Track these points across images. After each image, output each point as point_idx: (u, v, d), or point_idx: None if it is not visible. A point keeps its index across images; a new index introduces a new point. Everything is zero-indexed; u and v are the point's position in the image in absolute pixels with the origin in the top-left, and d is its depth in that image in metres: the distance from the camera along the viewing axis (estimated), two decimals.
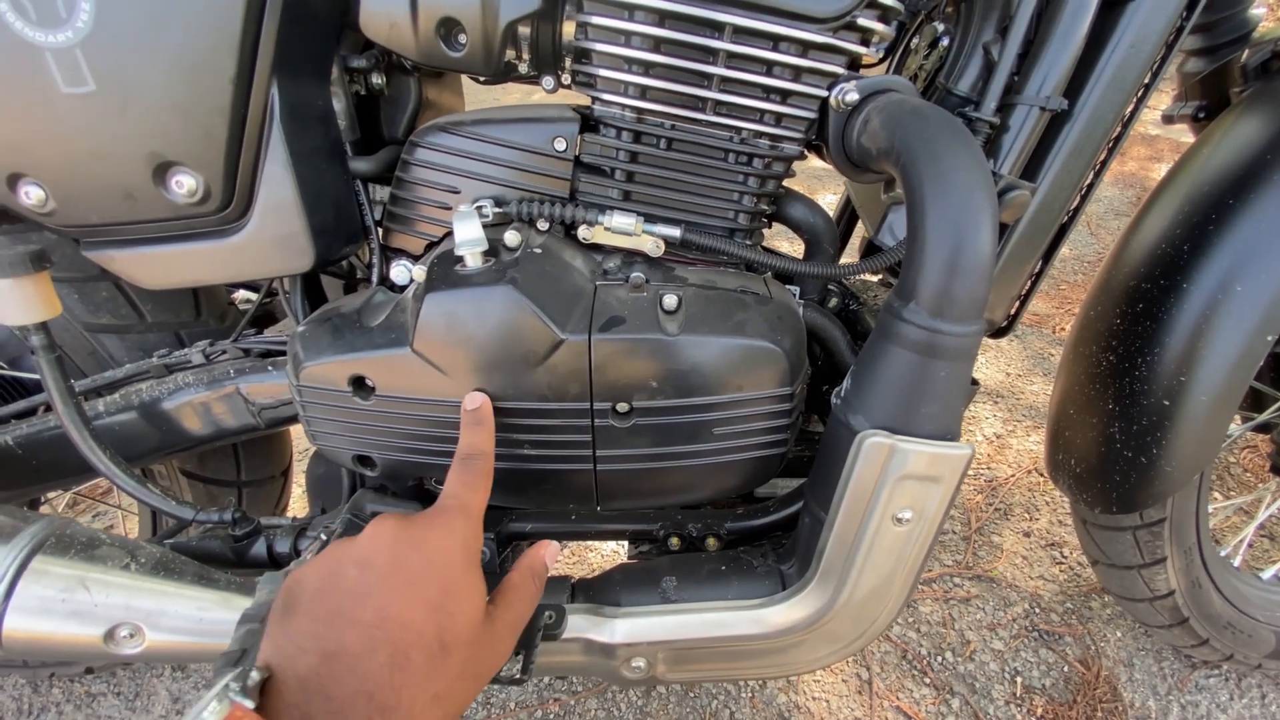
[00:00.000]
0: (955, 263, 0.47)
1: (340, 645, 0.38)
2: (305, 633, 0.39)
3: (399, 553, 0.42)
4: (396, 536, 0.43)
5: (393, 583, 0.41)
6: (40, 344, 0.58)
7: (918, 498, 0.53)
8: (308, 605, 0.40)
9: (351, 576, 0.41)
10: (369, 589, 0.40)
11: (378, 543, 0.43)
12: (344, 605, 0.40)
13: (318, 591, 0.41)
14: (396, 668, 0.38)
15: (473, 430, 0.52)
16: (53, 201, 0.54)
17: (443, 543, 0.44)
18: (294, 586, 0.42)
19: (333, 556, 0.43)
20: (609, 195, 0.61)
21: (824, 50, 0.55)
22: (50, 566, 0.58)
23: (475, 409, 0.53)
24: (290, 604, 0.41)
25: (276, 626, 0.40)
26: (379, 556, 0.42)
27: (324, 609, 0.40)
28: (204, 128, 0.51)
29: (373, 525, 0.44)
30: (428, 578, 0.42)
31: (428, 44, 0.54)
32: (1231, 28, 0.79)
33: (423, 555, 0.42)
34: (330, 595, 0.40)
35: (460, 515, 0.46)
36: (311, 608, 0.40)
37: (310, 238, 0.57)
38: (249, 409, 0.70)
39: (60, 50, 0.48)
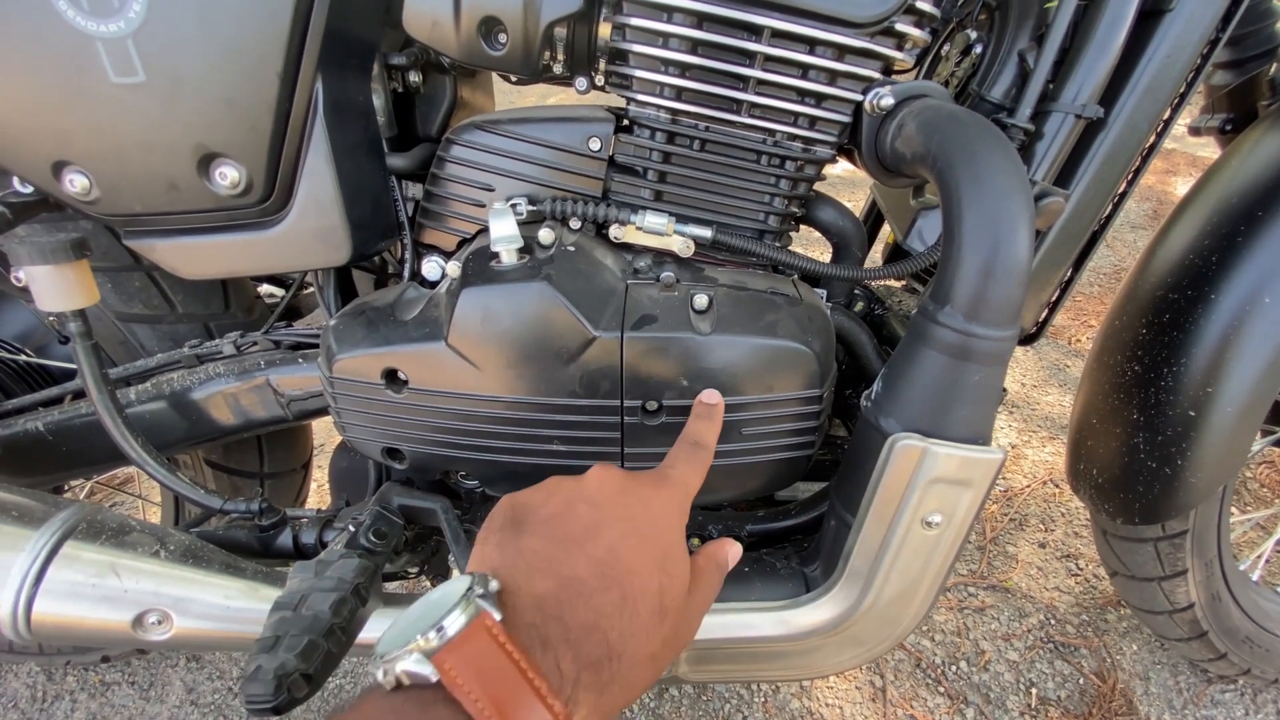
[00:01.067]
0: (991, 266, 0.47)
1: (575, 574, 0.36)
2: (540, 553, 0.37)
3: (628, 503, 0.41)
4: (625, 487, 0.42)
5: (621, 528, 0.40)
6: (78, 331, 0.59)
7: (948, 501, 0.53)
8: (541, 527, 0.39)
9: (582, 511, 0.40)
10: (599, 526, 0.39)
11: (606, 487, 0.42)
12: (578, 536, 0.38)
13: (552, 516, 0.40)
14: (626, 613, 0.36)
15: (703, 422, 0.52)
16: (97, 190, 0.55)
17: (666, 507, 0.43)
18: (520, 508, 0.41)
19: (561, 489, 0.42)
20: (641, 195, 0.61)
21: (860, 55, 0.55)
22: (82, 552, 0.58)
23: (711, 405, 0.54)
24: (520, 522, 0.40)
25: (508, 542, 0.39)
26: (608, 500, 0.41)
27: (559, 534, 0.39)
28: (250, 120, 0.52)
29: (599, 470, 0.44)
30: (653, 535, 0.41)
31: (469, 43, 0.54)
32: (1259, 41, 0.79)
33: (649, 513, 0.42)
34: (564, 522, 0.39)
35: (682, 489, 0.46)
36: (545, 529, 0.39)
37: (348, 231, 0.58)
38: (278, 400, 0.70)
39: (112, 40, 0.49)
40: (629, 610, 0.36)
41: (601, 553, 0.38)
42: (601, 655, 0.34)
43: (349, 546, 0.58)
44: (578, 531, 0.39)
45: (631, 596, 0.37)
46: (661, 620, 0.38)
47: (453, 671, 0.29)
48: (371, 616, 0.60)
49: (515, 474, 0.61)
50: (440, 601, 0.32)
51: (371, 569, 0.55)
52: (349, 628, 0.51)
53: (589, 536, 0.39)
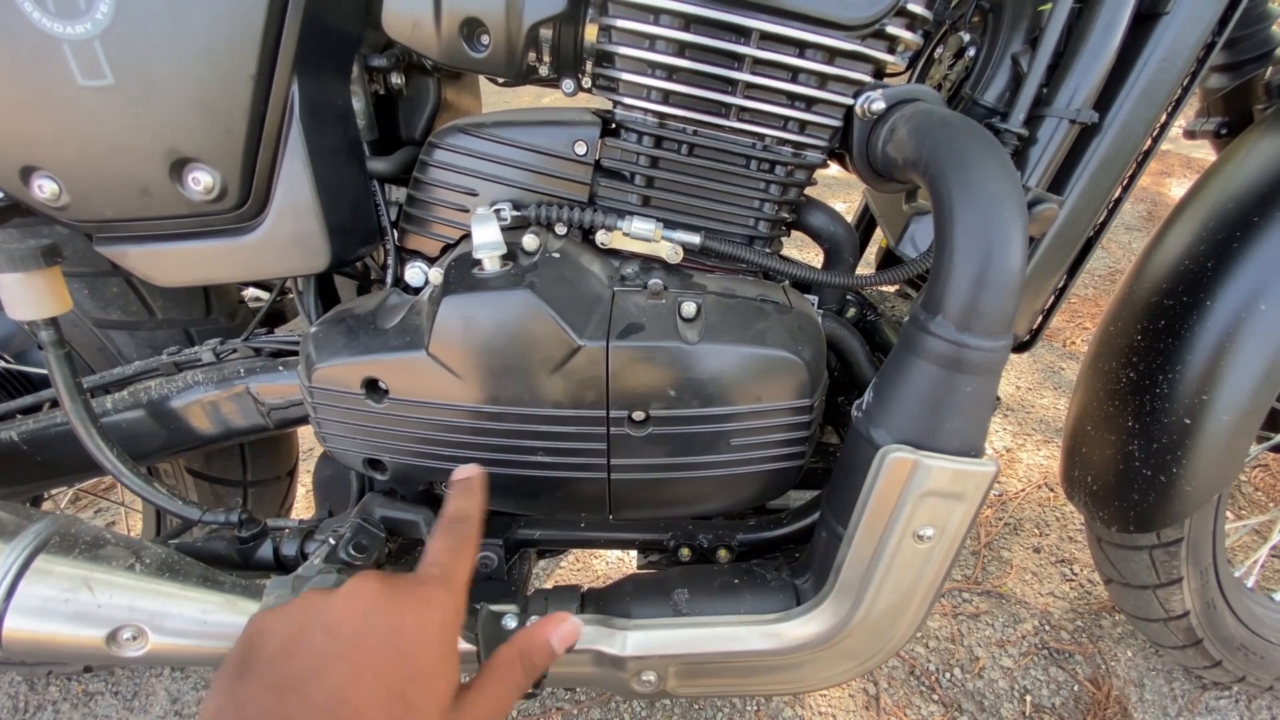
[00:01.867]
0: (984, 276, 0.46)
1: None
2: (253, 702, 0.35)
3: (370, 624, 0.38)
4: (371, 604, 0.39)
5: (355, 659, 0.37)
6: (50, 339, 0.58)
7: (940, 514, 0.52)
8: (264, 668, 0.36)
9: (317, 642, 0.37)
10: (329, 662, 0.36)
11: (351, 607, 0.39)
12: (300, 677, 0.36)
13: (276, 655, 0.37)
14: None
15: (461, 498, 0.49)
16: (66, 196, 0.53)
17: (417, 618, 0.39)
18: (256, 638, 0.38)
19: (301, 614, 0.39)
20: (628, 200, 0.60)
21: (851, 58, 0.54)
22: (54, 566, 0.57)
23: (465, 479, 0.51)
24: (246, 661, 0.37)
25: (226, 684, 0.36)
26: (348, 624, 0.38)
27: (279, 678, 0.36)
28: (223, 124, 0.50)
29: (352, 583, 0.40)
30: (393, 660, 0.37)
31: (450, 44, 0.53)
32: (1255, 44, 0.78)
33: (393, 632, 0.38)
34: (289, 662, 0.36)
35: (441, 587, 0.42)
36: (266, 673, 0.36)
37: (326, 237, 0.56)
38: (258, 409, 0.69)
39: (78, 42, 0.47)
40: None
41: (324, 696, 0.35)
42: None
43: (328, 560, 0.56)
44: (300, 673, 0.36)
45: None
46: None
47: None
48: None
49: (499, 486, 0.60)
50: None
51: None
52: None
53: (313, 677, 0.36)
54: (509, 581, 0.68)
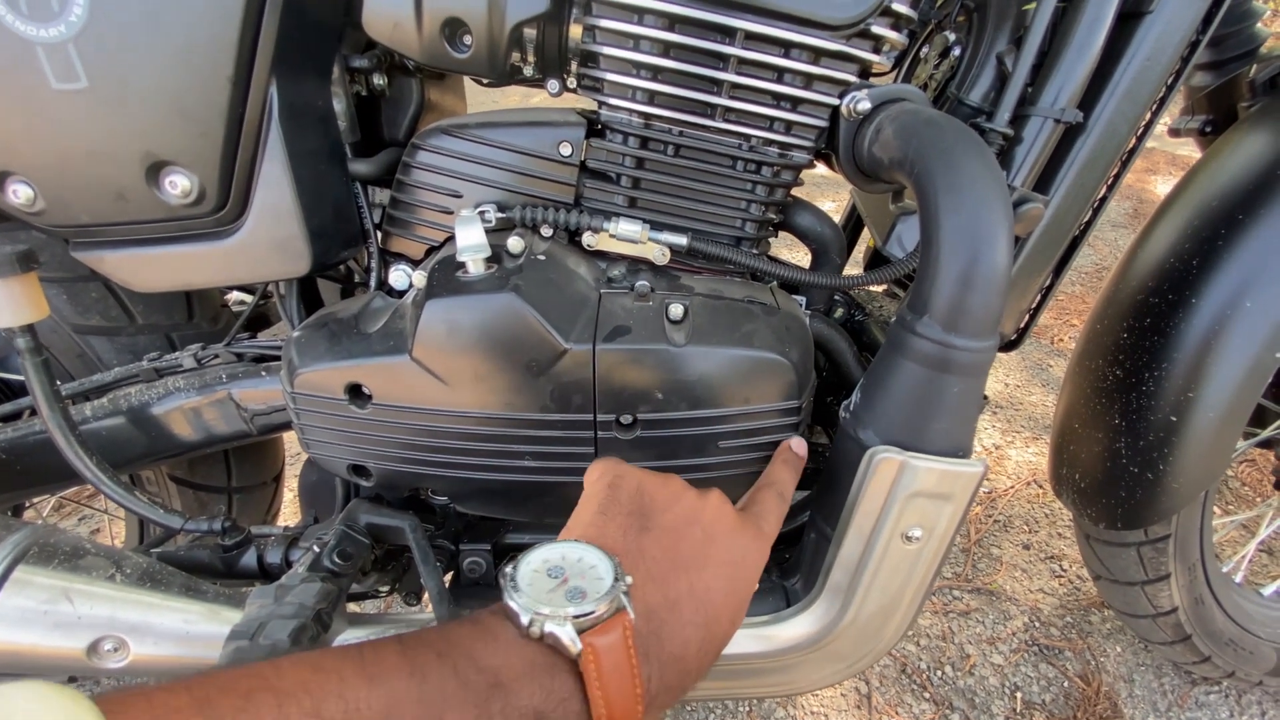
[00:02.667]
0: (970, 276, 0.46)
1: (679, 598, 0.37)
2: (658, 562, 0.38)
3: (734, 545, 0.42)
4: (735, 527, 0.43)
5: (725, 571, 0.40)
6: (26, 347, 0.57)
7: (928, 515, 0.52)
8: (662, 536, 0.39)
9: (697, 535, 0.41)
10: (707, 560, 0.40)
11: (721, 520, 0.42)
12: (689, 561, 0.39)
13: (672, 527, 0.40)
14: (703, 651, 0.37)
15: (785, 469, 0.53)
16: (41, 201, 0.52)
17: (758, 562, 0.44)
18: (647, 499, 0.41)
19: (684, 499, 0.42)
20: (614, 202, 0.60)
21: (836, 58, 0.54)
22: (33, 577, 0.56)
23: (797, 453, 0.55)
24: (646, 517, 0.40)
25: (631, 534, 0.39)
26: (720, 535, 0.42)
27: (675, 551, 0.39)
28: (200, 127, 0.49)
29: (718, 498, 0.44)
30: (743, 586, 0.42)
31: (432, 45, 0.52)
32: (1239, 42, 0.78)
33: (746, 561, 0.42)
34: (681, 540, 0.40)
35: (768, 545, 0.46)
36: (665, 540, 0.39)
37: (308, 241, 0.56)
38: (241, 415, 0.68)
39: (52, 45, 0.46)
40: (703, 651, 0.37)
41: (702, 589, 0.38)
42: (674, 684, 0.35)
43: (312, 569, 0.56)
44: (689, 556, 0.39)
45: (710, 638, 0.38)
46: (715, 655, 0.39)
47: (592, 657, 0.30)
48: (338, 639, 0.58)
49: (485, 491, 0.59)
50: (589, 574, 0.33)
51: (335, 593, 0.53)
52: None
53: (698, 566, 0.39)
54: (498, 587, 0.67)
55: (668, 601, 0.36)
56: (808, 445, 0.56)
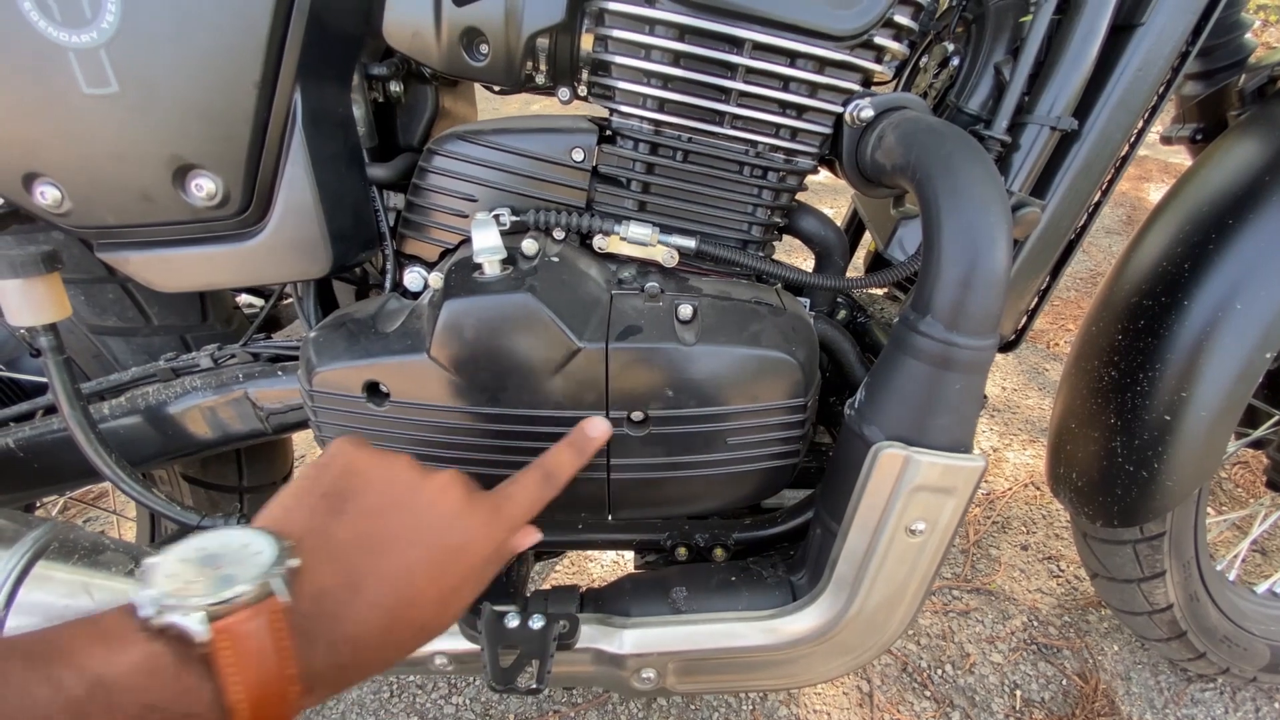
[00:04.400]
0: (971, 277, 0.47)
1: (363, 582, 0.36)
2: (343, 546, 0.37)
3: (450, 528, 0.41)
4: (457, 510, 0.42)
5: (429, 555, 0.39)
6: (49, 345, 0.58)
7: (931, 509, 0.54)
8: (358, 520, 0.38)
9: (402, 519, 0.40)
10: (410, 544, 0.39)
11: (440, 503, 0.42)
12: (385, 544, 0.38)
13: (372, 511, 0.39)
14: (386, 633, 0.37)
15: (569, 452, 0.51)
16: (69, 202, 0.54)
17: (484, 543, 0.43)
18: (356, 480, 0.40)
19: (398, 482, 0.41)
20: (625, 206, 0.61)
21: (840, 67, 0.56)
22: (53, 572, 0.57)
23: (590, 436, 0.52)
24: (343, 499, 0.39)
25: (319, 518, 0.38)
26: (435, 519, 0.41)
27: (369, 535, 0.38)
28: (226, 131, 0.51)
29: (445, 477, 0.43)
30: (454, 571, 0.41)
31: (450, 53, 0.54)
32: (1229, 52, 0.81)
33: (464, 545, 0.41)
34: (380, 523, 0.39)
35: (510, 525, 0.45)
36: (360, 524, 0.38)
37: (328, 243, 0.57)
38: (257, 414, 0.69)
39: (84, 51, 0.48)
40: (391, 632, 0.37)
41: (398, 572, 0.38)
42: (349, 662, 0.35)
43: None
44: (387, 539, 0.38)
45: (400, 621, 0.38)
46: (416, 638, 0.39)
47: (224, 647, 0.29)
48: None
49: None
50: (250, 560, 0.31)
51: None
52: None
53: (395, 550, 0.38)
54: (508, 583, 0.68)
55: (348, 583, 0.36)
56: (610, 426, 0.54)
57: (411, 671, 0.63)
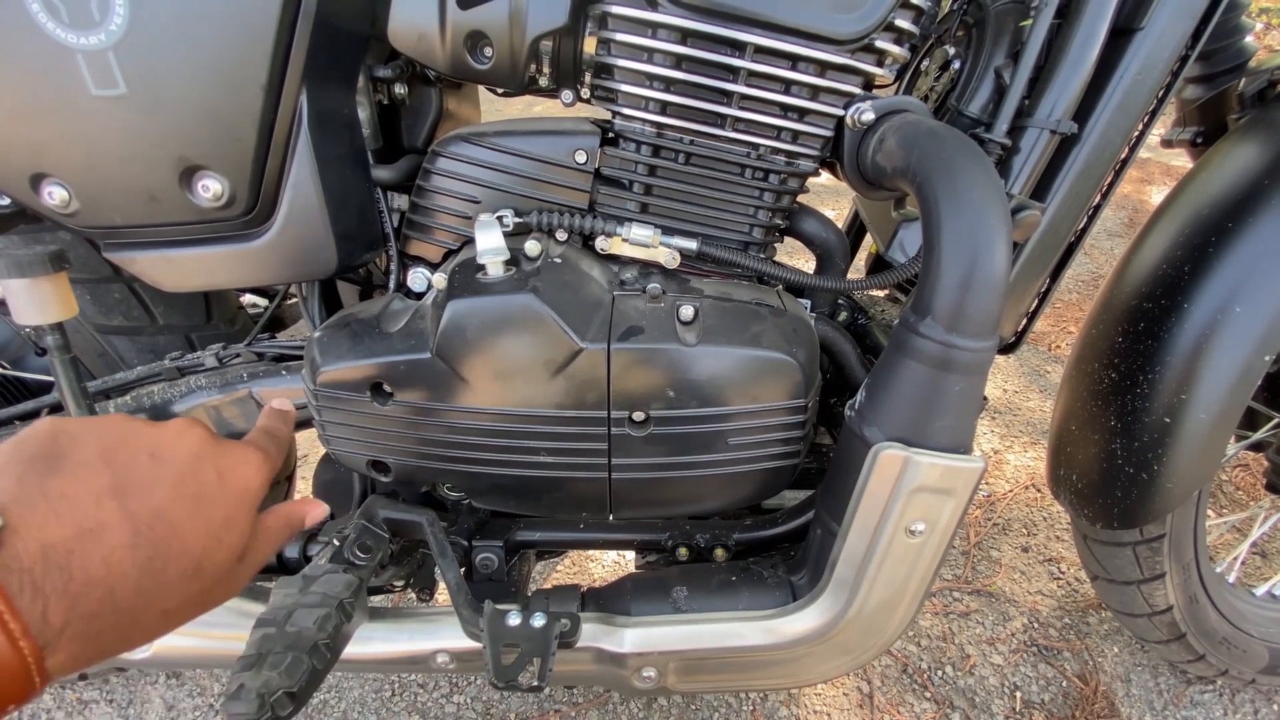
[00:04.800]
0: (970, 279, 0.48)
1: (100, 525, 0.35)
2: (65, 499, 0.35)
3: (200, 465, 0.40)
4: (203, 449, 0.41)
5: (184, 490, 0.39)
6: (55, 344, 0.58)
7: (931, 510, 0.54)
8: (80, 470, 0.36)
9: (142, 463, 0.38)
10: (154, 483, 0.38)
11: (182, 444, 0.40)
12: (123, 488, 0.37)
13: (97, 459, 0.37)
14: (150, 572, 0.36)
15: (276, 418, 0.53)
16: (76, 202, 0.54)
17: (244, 477, 0.43)
18: (64, 440, 0.37)
19: (124, 433, 0.39)
20: (627, 207, 0.62)
21: (842, 71, 0.56)
22: None
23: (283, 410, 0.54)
24: (57, 459, 0.36)
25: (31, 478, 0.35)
26: (178, 459, 0.40)
27: (98, 482, 0.36)
28: (233, 133, 0.51)
29: (180, 424, 0.42)
30: (218, 502, 0.40)
31: (455, 56, 0.55)
32: (1229, 56, 0.81)
33: (222, 480, 0.41)
34: (108, 471, 0.37)
35: (265, 457, 0.45)
36: (83, 474, 0.36)
37: (333, 244, 0.58)
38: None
39: (92, 52, 0.48)
40: (154, 570, 0.36)
41: (144, 510, 0.37)
42: (103, 609, 0.34)
43: (334, 561, 0.57)
44: (124, 483, 0.37)
45: (162, 556, 0.36)
46: (192, 581, 0.38)
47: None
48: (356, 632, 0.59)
49: (501, 486, 0.61)
50: None
51: (357, 583, 0.54)
52: (334, 644, 0.51)
53: (137, 491, 0.37)
54: (509, 582, 0.69)
55: (81, 531, 0.34)
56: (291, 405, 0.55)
57: (413, 670, 0.64)
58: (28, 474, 0.36)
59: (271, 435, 0.50)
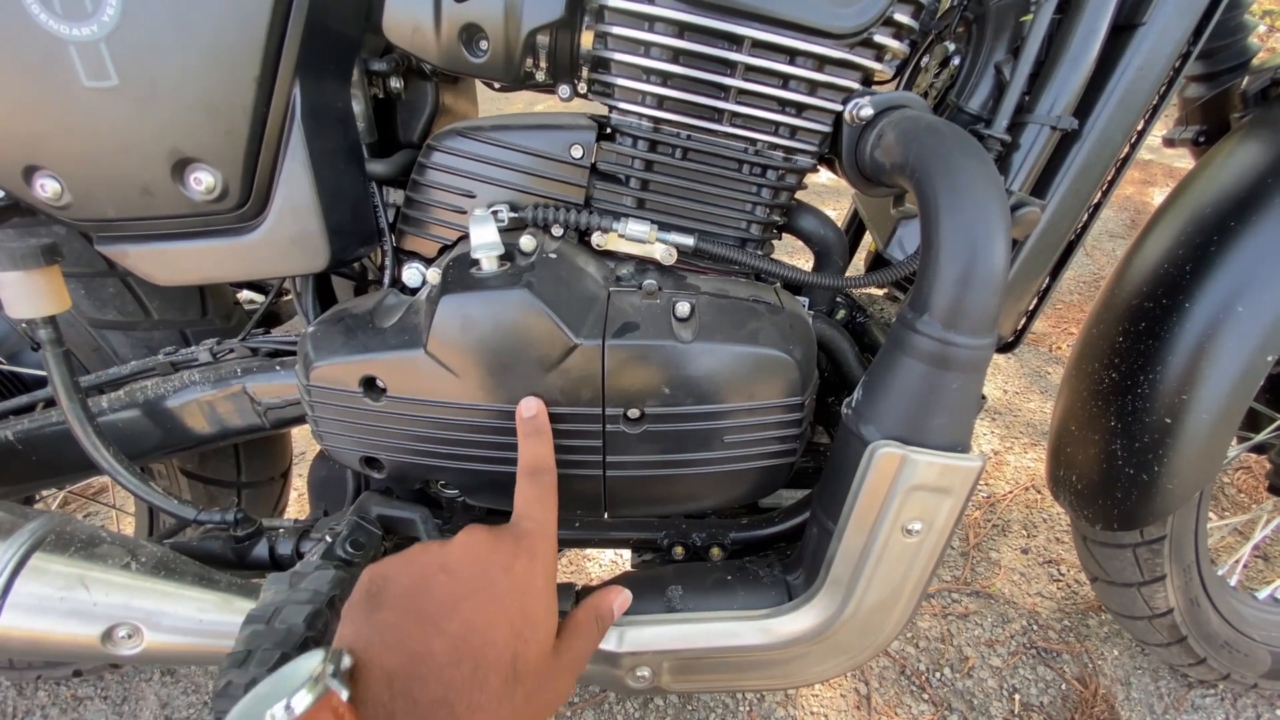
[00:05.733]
0: (969, 276, 0.47)
1: (428, 649, 0.38)
2: (394, 628, 0.39)
3: (487, 568, 0.42)
4: (484, 554, 0.43)
5: (480, 599, 0.41)
6: (48, 338, 0.58)
7: (928, 509, 0.53)
8: (396, 602, 0.40)
9: (441, 583, 0.41)
10: (457, 599, 0.40)
11: (466, 555, 0.43)
12: (432, 611, 0.40)
13: (407, 591, 0.41)
14: (477, 686, 0.38)
15: (533, 441, 0.52)
16: (69, 195, 0.54)
17: (528, 567, 0.44)
18: (378, 580, 0.42)
19: (422, 559, 0.43)
20: (623, 203, 0.61)
21: (840, 65, 0.56)
22: (49, 564, 0.57)
23: (532, 417, 0.53)
24: (376, 596, 0.41)
25: (361, 616, 0.40)
26: (467, 570, 0.42)
27: (414, 610, 0.40)
28: (225, 125, 0.51)
29: (464, 537, 0.45)
30: (511, 600, 0.42)
31: (450, 49, 0.54)
32: (1231, 54, 0.80)
33: (509, 577, 0.42)
34: (419, 597, 0.40)
35: (542, 539, 0.46)
36: (400, 605, 0.40)
37: (326, 238, 0.57)
38: (255, 409, 0.69)
39: (84, 44, 0.48)
40: (479, 682, 0.38)
41: (456, 626, 0.39)
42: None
43: (325, 557, 0.57)
44: (432, 606, 0.40)
45: (484, 667, 0.38)
46: (515, 686, 0.40)
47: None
48: None
49: (496, 483, 0.61)
50: (292, 677, 0.33)
51: (348, 580, 0.54)
52: (324, 640, 0.50)
53: (444, 611, 0.40)
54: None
55: (414, 657, 0.37)
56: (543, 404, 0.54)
57: None
58: (359, 616, 0.40)
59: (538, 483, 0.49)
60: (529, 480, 0.50)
